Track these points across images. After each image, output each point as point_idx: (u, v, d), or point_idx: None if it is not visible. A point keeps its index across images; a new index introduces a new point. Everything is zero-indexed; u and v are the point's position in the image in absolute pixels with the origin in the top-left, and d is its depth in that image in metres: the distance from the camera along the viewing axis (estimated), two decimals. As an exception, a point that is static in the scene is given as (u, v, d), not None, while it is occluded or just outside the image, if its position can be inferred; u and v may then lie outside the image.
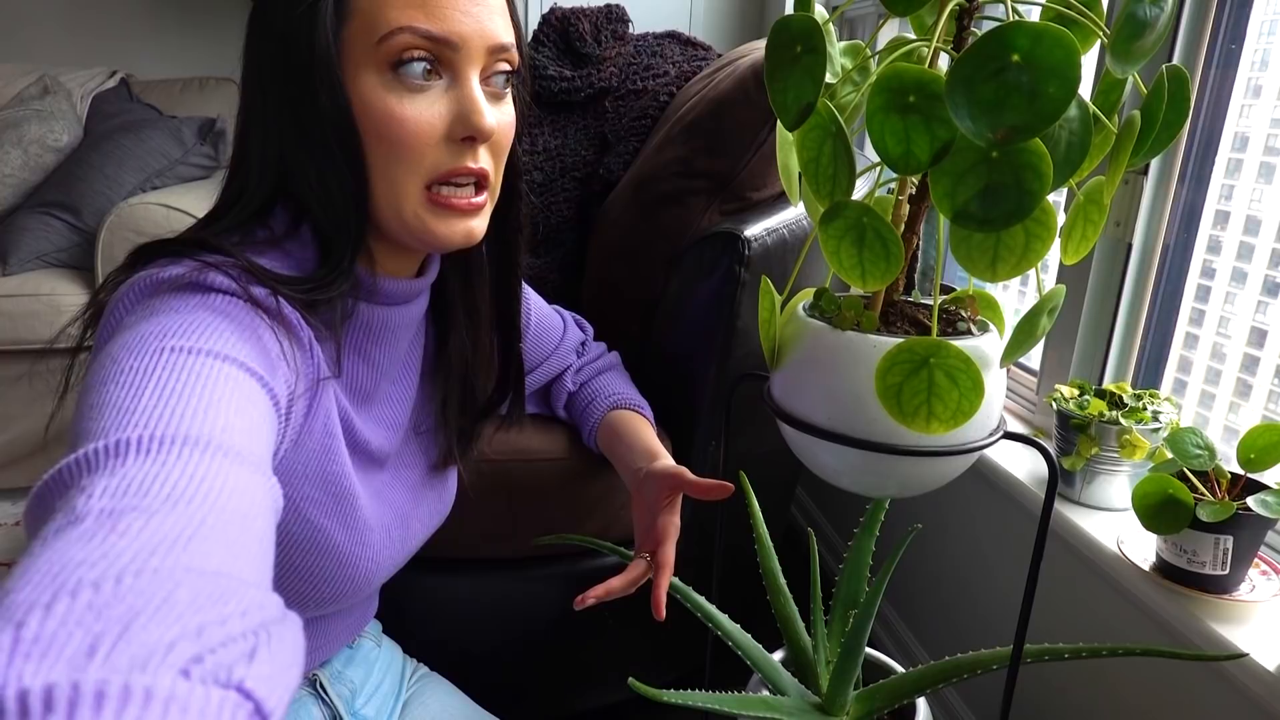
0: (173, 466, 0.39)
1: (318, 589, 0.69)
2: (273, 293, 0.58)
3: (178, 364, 0.47)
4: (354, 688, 0.84)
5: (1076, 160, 0.56)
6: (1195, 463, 0.83)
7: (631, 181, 1.29)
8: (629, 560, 0.80)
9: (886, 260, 0.58)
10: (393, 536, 0.75)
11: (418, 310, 0.74)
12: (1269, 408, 1.02)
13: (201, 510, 0.37)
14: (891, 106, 0.55)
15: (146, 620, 0.29)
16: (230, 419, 0.45)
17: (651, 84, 1.51)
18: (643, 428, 0.95)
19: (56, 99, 2.31)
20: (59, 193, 2.10)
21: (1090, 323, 1.13)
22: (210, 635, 0.29)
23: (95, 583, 0.30)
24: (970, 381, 0.57)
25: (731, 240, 1.06)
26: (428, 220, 0.64)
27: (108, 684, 0.25)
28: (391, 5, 0.59)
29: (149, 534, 0.34)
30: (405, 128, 0.60)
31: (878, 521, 0.89)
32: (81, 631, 0.27)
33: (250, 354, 0.52)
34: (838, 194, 0.60)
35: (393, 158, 0.61)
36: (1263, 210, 1.02)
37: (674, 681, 1.33)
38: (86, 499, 0.36)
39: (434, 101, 0.61)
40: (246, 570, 0.36)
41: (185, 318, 0.51)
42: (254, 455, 0.45)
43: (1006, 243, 0.59)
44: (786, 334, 0.68)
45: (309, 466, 0.65)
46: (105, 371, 0.47)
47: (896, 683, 0.83)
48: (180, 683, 0.26)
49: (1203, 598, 0.84)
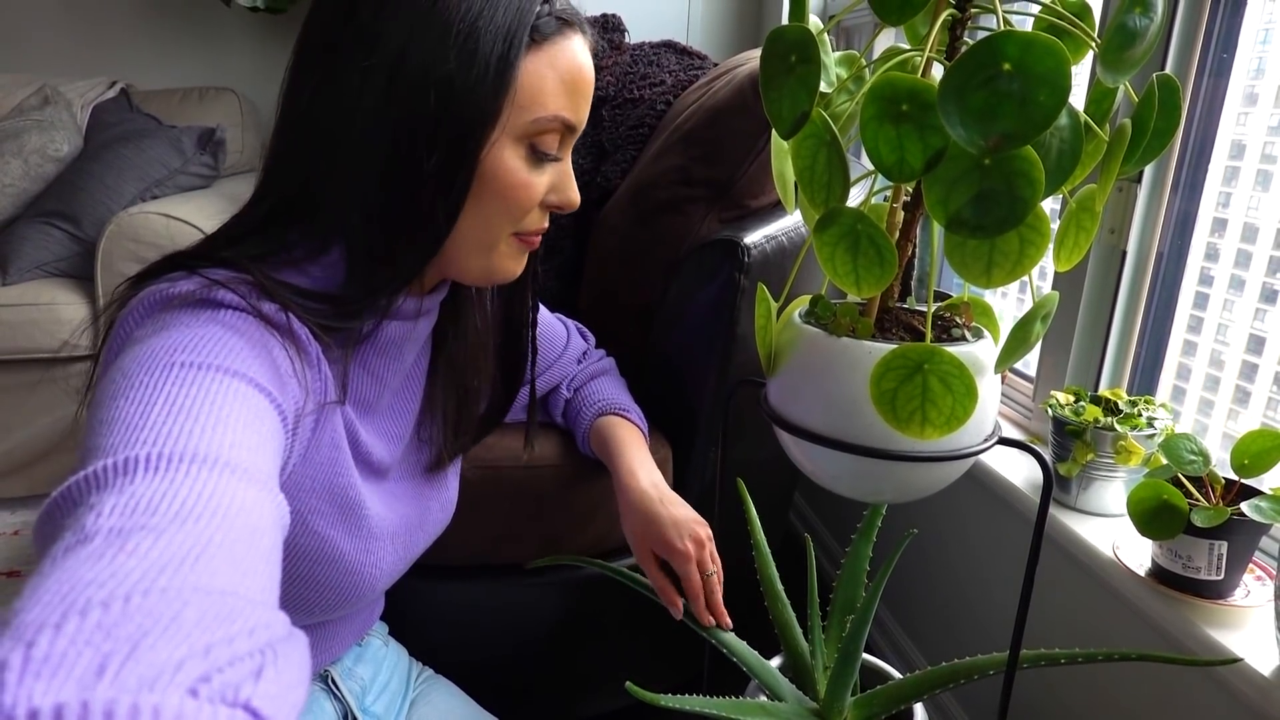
0: (181, 484, 0.39)
1: (324, 597, 0.69)
2: (283, 309, 0.58)
3: (187, 379, 0.47)
4: (364, 684, 0.85)
5: (1068, 167, 0.57)
6: (1189, 468, 0.84)
7: (629, 189, 1.29)
8: (621, 576, 0.82)
9: (881, 266, 0.59)
10: (398, 543, 0.76)
11: (426, 326, 0.74)
12: (1268, 414, 1.03)
13: (209, 529, 0.37)
14: (885, 115, 0.55)
15: (155, 639, 0.29)
16: (238, 436, 0.46)
17: (648, 93, 1.52)
18: (626, 438, 0.96)
19: (57, 109, 2.31)
20: (59, 202, 2.11)
21: (1086, 329, 1.13)
22: (218, 654, 0.30)
23: (104, 602, 0.30)
24: (964, 387, 0.58)
25: (731, 247, 1.07)
26: (507, 261, 0.68)
27: (116, 703, 0.25)
28: (550, 92, 0.62)
29: (157, 553, 0.34)
30: (529, 194, 0.64)
31: (875, 527, 0.89)
32: (91, 651, 0.28)
33: (260, 370, 0.52)
34: (832, 201, 0.60)
35: (505, 217, 0.65)
36: (1260, 217, 1.03)
37: (673, 688, 1.34)
38: (95, 517, 0.36)
39: (549, 173, 0.66)
40: (253, 588, 0.36)
41: (195, 332, 0.51)
42: (261, 472, 0.45)
43: (1001, 249, 0.59)
44: (782, 340, 0.68)
45: (316, 480, 0.65)
46: (115, 386, 0.47)
47: (894, 688, 0.84)
48: (188, 701, 0.27)
49: (1198, 603, 0.84)
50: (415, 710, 0.89)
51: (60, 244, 2.07)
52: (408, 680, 0.92)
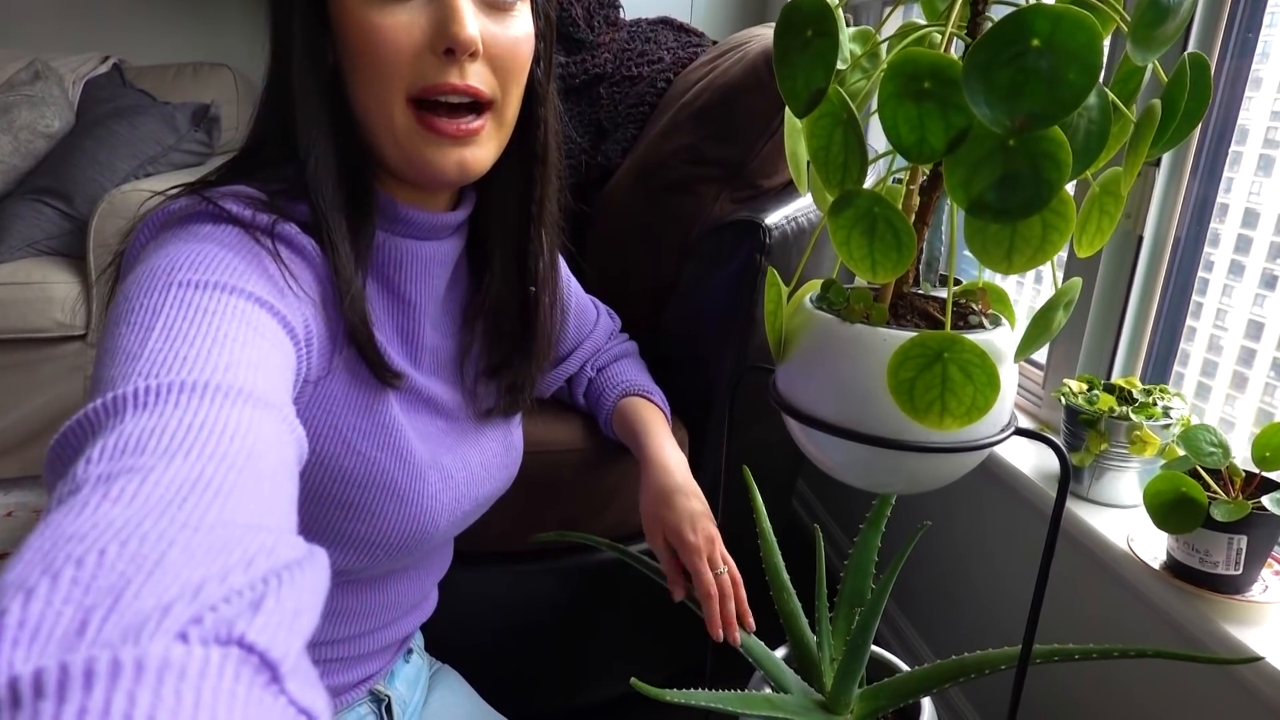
0: (170, 417, 0.38)
1: (381, 531, 0.67)
2: (284, 218, 0.58)
3: (185, 300, 0.47)
4: (404, 706, 0.84)
5: (1095, 150, 0.55)
6: (1209, 460, 0.81)
7: (635, 169, 1.27)
8: (626, 555, 0.80)
9: (898, 251, 0.57)
10: (454, 480, 0.73)
11: (450, 249, 0.72)
12: (1265, 400, 1.01)
13: (200, 461, 0.36)
14: (905, 93, 0.53)
15: (139, 587, 0.28)
16: (236, 355, 0.45)
17: (647, 70, 1.49)
18: (652, 420, 0.95)
19: (48, 84, 2.28)
20: (50, 179, 2.08)
21: (1099, 316, 1.11)
22: (210, 592, 0.28)
23: (80, 558, 0.28)
24: (985, 377, 0.56)
25: (753, 228, 1.05)
26: (420, 146, 0.61)
27: (96, 661, 0.23)
28: None
29: (145, 495, 0.33)
30: (381, 36, 0.58)
31: (883, 517, 0.88)
32: (71, 609, 0.26)
33: (260, 284, 0.52)
34: (848, 183, 0.58)
35: (372, 74, 0.59)
36: (1261, 203, 1.02)
37: (677, 674, 1.33)
38: (85, 465, 0.35)
39: (416, 11, 0.59)
40: (253, 513, 0.35)
41: (193, 247, 0.51)
42: (261, 390, 0.44)
43: (1023, 234, 0.57)
44: (793, 326, 0.66)
45: (350, 396, 0.64)
46: (118, 311, 0.48)
47: (902, 681, 0.82)
48: (176, 648, 0.25)
49: (1215, 598, 0.83)
50: (426, 710, 0.88)
51: (51, 222, 2.04)
52: (425, 685, 0.90)
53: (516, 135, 0.69)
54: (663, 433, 0.93)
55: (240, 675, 0.25)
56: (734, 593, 0.80)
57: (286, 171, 0.63)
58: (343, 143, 0.63)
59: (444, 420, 0.74)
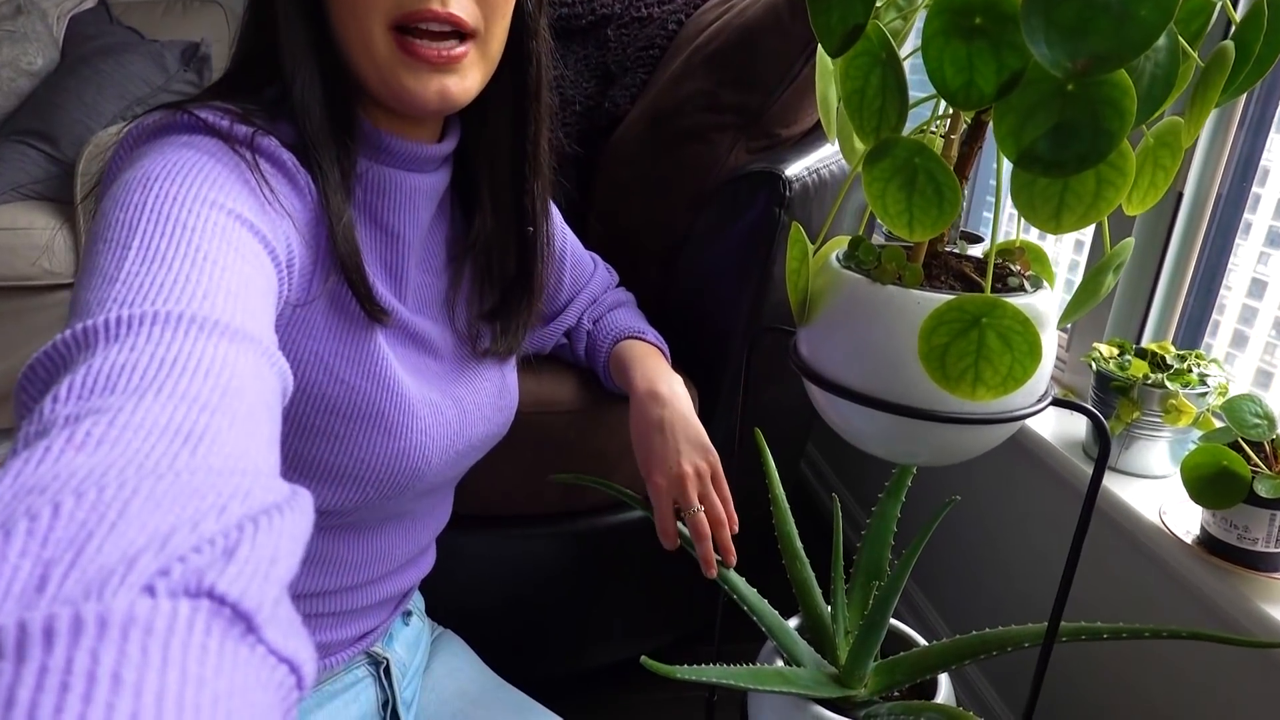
0: (141, 351, 0.37)
1: (370, 465, 0.66)
2: (264, 132, 0.56)
3: (163, 214, 0.46)
4: (403, 670, 0.82)
5: (1160, 97, 0.50)
6: (1253, 433, 0.77)
7: (645, 116, 1.22)
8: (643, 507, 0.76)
9: (940, 207, 0.52)
10: (445, 416, 0.71)
11: (436, 182, 0.70)
12: (1264, 359, 0.98)
13: (172, 401, 0.34)
14: (954, 30, 0.48)
15: (102, 539, 0.26)
16: (215, 280, 0.43)
17: (657, 11, 1.43)
18: (643, 353, 0.91)
19: (31, 19, 2.20)
20: (35, 120, 2.02)
21: (1131, 277, 1.06)
22: (178, 542, 0.26)
23: (36, 512, 0.26)
24: (1026, 345, 0.52)
25: (771, 179, 0.99)
26: (400, 73, 0.59)
27: (56, 619, 0.22)
28: None
29: (110, 440, 0.31)
30: None
31: (904, 488, 0.84)
32: (29, 563, 0.25)
33: (240, 198, 0.51)
34: (885, 130, 0.53)
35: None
36: (1271, 159, 0.99)
37: (685, 638, 1.31)
38: (52, 403, 0.34)
39: None
40: (229, 457, 0.33)
41: (170, 157, 0.50)
42: (241, 322, 0.42)
43: (1075, 189, 0.52)
44: (818, 286, 0.62)
45: (332, 324, 0.63)
46: (96, 227, 0.47)
47: (919, 656, 0.79)
48: (142, 602, 0.23)
49: (1252, 576, 0.79)
50: (428, 674, 0.86)
51: (37, 165, 1.99)
52: (427, 650, 0.88)
53: (507, 69, 0.68)
54: (650, 364, 0.89)
55: (211, 628, 0.24)
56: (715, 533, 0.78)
57: (267, 95, 0.62)
58: (327, 67, 0.61)
59: (432, 358, 0.73)
